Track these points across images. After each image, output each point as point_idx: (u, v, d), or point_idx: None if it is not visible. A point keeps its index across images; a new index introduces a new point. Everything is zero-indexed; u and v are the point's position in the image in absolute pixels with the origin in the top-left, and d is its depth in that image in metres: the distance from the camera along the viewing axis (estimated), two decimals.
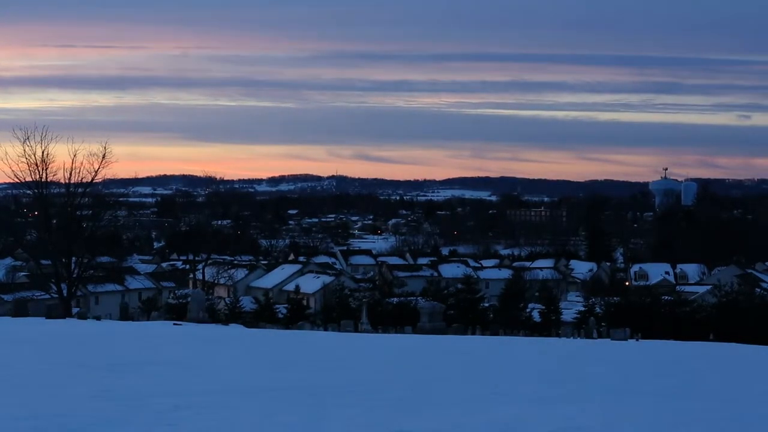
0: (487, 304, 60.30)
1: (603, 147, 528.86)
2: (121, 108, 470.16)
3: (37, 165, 51.02)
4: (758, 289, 58.60)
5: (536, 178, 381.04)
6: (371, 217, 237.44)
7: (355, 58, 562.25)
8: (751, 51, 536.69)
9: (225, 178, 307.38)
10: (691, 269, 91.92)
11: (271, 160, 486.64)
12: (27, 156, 50.75)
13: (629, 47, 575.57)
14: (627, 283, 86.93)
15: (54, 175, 52.33)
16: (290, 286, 76.68)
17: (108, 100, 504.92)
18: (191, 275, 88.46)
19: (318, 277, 79.46)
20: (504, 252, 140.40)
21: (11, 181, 55.15)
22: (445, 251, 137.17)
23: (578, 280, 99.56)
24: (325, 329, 44.69)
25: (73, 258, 52.56)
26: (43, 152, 50.74)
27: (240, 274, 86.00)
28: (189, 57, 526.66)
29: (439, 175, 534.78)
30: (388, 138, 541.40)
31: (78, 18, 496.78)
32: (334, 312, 55.48)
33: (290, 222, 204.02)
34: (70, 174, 52.12)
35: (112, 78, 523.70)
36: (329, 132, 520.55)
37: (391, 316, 52.97)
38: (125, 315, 53.96)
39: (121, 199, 77.64)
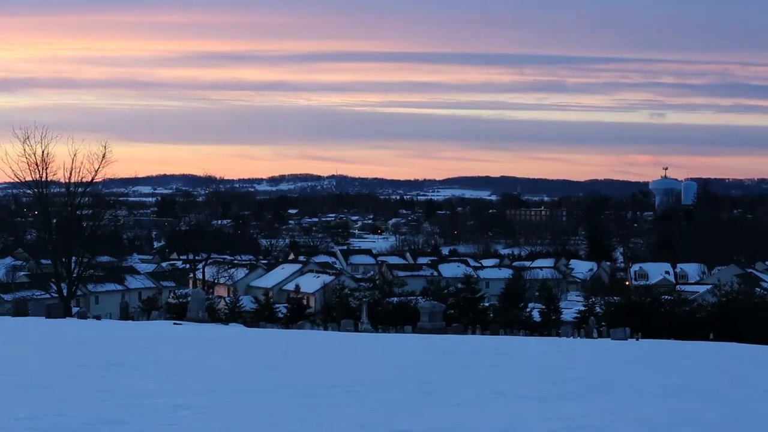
0: (487, 304, 60.31)
1: (542, 145, 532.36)
2: (36, 109, 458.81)
3: (37, 164, 51.07)
4: (758, 289, 58.58)
5: (536, 177, 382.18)
6: (371, 216, 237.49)
7: (222, 59, 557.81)
8: (619, 49, 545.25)
9: (225, 178, 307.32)
10: (691, 269, 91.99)
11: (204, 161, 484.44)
12: (27, 156, 50.83)
13: (495, 46, 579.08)
14: (627, 283, 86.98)
15: (54, 175, 52.39)
16: (290, 286, 76.72)
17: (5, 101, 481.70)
18: (191, 275, 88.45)
19: (318, 277, 79.46)
20: (504, 252, 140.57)
21: (11, 180, 55.19)
22: (445, 251, 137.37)
23: (578, 280, 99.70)
24: (325, 329, 44.70)
25: (73, 258, 52.55)
26: (43, 152, 50.80)
27: (240, 273, 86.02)
28: (61, 59, 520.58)
29: (390, 174, 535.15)
30: (323, 137, 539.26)
31: None
32: (334, 311, 55.50)
33: (290, 222, 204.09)
34: (70, 174, 52.18)
35: None
36: (267, 131, 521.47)
37: (391, 315, 52.96)
38: (125, 315, 53.94)
39: (121, 198, 77.75)
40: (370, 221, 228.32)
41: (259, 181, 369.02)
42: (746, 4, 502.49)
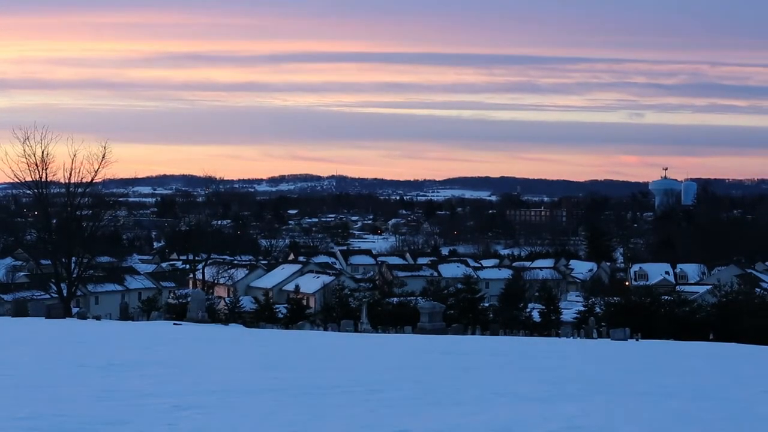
0: (487, 304, 60.24)
1: (528, 145, 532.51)
2: (11, 110, 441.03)
3: (37, 165, 51.07)
4: (758, 289, 58.54)
5: (536, 178, 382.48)
6: (371, 217, 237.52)
7: (184, 59, 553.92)
8: (586, 49, 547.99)
9: (225, 178, 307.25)
10: (691, 269, 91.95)
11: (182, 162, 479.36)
12: (27, 156, 50.83)
13: (459, 46, 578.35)
14: (627, 283, 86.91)
15: (54, 175, 52.39)
16: (290, 286, 76.70)
17: None
18: (191, 275, 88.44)
19: (318, 277, 79.47)
20: (504, 252, 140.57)
21: (11, 181, 55.19)
22: (445, 251, 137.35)
23: (578, 280, 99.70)
24: (325, 329, 44.68)
25: (73, 258, 52.55)
26: (43, 152, 50.81)
27: (240, 273, 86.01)
28: (31, 60, 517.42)
29: (382, 174, 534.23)
30: (309, 138, 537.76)
31: None
32: (334, 312, 55.44)
33: (290, 222, 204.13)
34: (70, 174, 52.17)
35: None
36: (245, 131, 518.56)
37: (391, 316, 52.93)
38: (125, 315, 53.88)
39: (121, 199, 77.71)
40: (370, 221, 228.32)
41: (259, 181, 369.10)
42: (710, 4, 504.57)
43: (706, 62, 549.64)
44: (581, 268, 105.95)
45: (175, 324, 32.80)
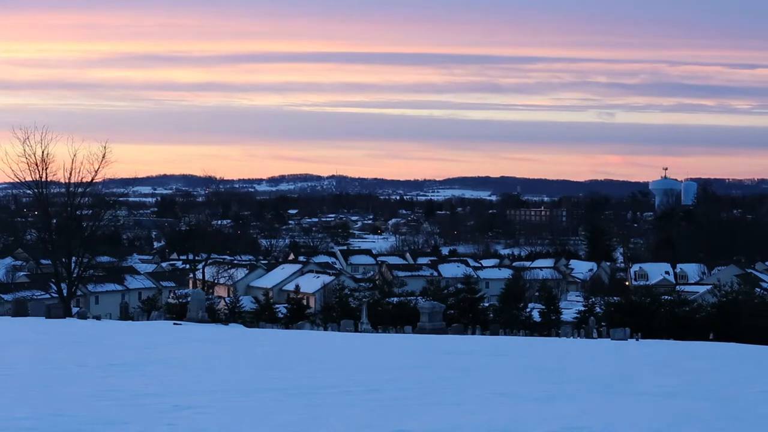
0: (487, 304, 60.20)
1: (512, 145, 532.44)
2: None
3: (37, 165, 51.02)
4: (758, 289, 58.48)
5: (536, 177, 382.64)
6: (371, 216, 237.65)
7: (143, 59, 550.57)
8: (542, 49, 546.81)
9: (225, 178, 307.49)
10: (691, 269, 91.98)
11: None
12: (27, 156, 50.79)
13: (415, 45, 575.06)
14: (627, 283, 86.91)
15: (54, 175, 52.32)
16: (290, 286, 76.76)
17: None
18: (191, 275, 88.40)
19: (318, 277, 79.52)
20: (504, 252, 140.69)
21: (11, 180, 55.15)
22: (445, 251, 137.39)
23: (578, 280, 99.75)
24: (325, 329, 44.68)
25: (73, 258, 52.53)
26: (43, 152, 50.77)
27: (240, 273, 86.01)
28: None
29: (368, 174, 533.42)
30: (289, 136, 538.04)
31: None
32: (334, 312, 55.43)
33: (290, 222, 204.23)
34: (70, 174, 52.11)
35: None
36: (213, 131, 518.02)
37: (391, 315, 52.89)
38: (125, 315, 53.93)
39: (121, 198, 77.64)
40: (370, 221, 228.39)
41: (259, 181, 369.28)
42: (663, 3, 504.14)
43: (665, 61, 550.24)
44: (581, 268, 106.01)
45: (175, 324, 32.81)
